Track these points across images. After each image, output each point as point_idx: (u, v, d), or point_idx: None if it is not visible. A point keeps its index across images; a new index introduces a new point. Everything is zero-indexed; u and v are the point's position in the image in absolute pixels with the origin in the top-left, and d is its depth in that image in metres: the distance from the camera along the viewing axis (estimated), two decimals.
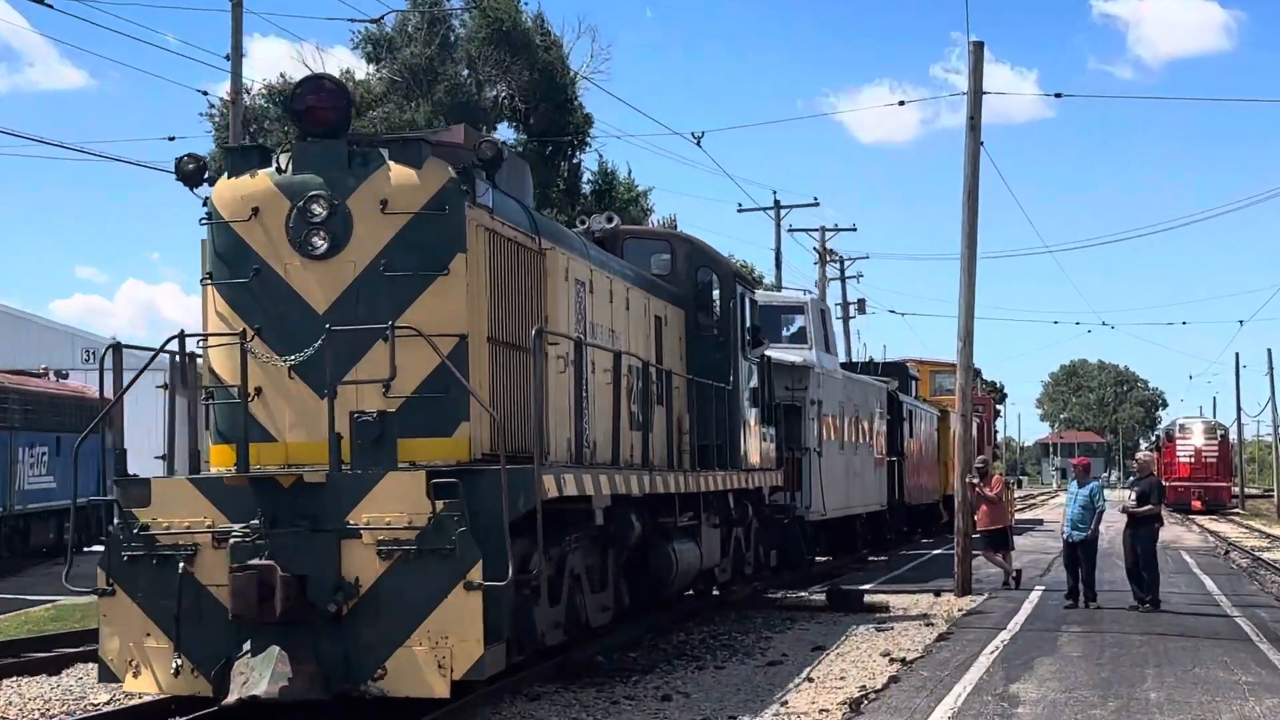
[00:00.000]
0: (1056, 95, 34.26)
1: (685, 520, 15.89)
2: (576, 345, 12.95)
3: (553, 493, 11.35)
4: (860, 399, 29.00)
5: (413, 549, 10.35)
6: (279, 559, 10.29)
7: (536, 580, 11.46)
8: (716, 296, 17.90)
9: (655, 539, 14.88)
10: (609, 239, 16.75)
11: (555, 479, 11.52)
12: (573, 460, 12.87)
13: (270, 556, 10.32)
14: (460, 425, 11.13)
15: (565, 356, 12.85)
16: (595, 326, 14.02)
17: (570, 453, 12.93)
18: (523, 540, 10.85)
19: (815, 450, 24.34)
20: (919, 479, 35.63)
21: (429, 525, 10.35)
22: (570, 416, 12.95)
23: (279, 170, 11.40)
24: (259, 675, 10.13)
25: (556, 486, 11.50)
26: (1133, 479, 20.70)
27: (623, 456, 13.97)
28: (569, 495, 11.87)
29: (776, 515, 20.98)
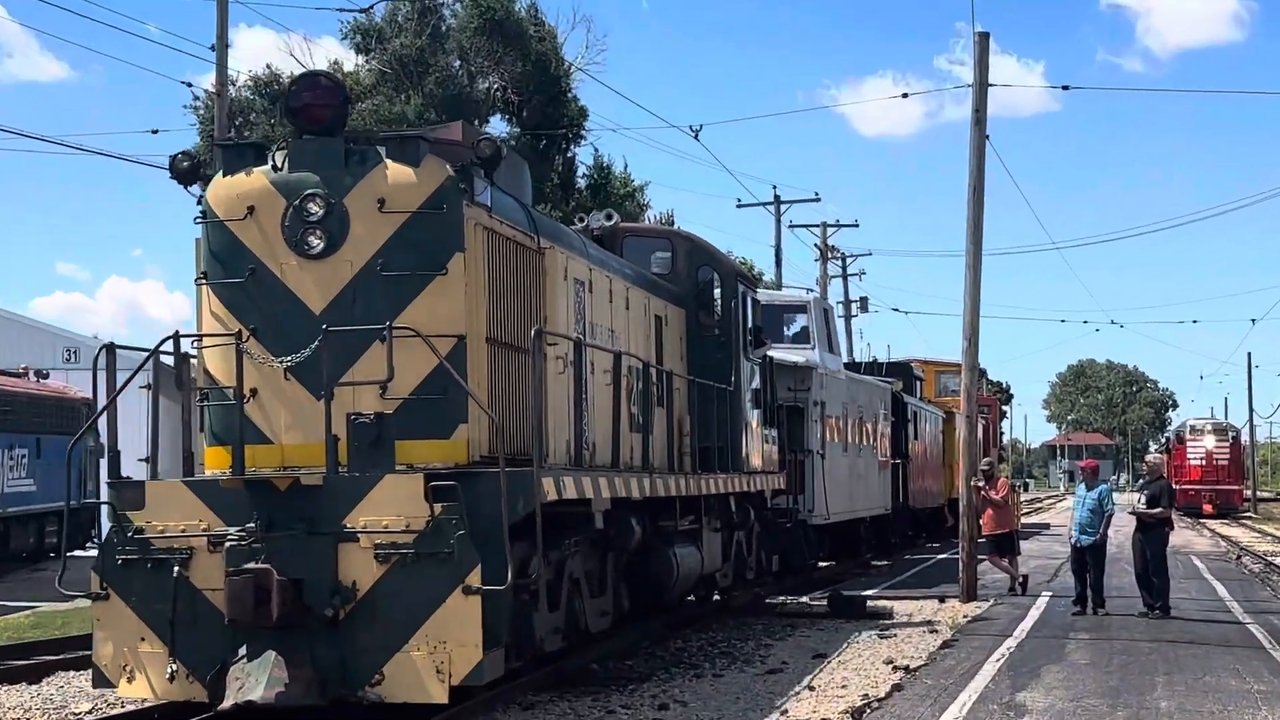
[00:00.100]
0: (1064, 88, 34.74)
1: (686, 524, 15.98)
2: (576, 346, 13.06)
3: (552, 496, 11.47)
4: (864, 400, 29.08)
5: (410, 553, 10.49)
6: (275, 563, 10.43)
7: (535, 585, 11.57)
8: (718, 295, 17.97)
9: (655, 543, 14.98)
10: (608, 237, 16.85)
11: (555, 482, 11.65)
12: (572, 463, 12.98)
13: (266, 560, 10.47)
14: (458, 427, 11.25)
15: (564, 357, 12.97)
16: (595, 326, 14.12)
17: (569, 455, 13.04)
18: (521, 544, 10.96)
19: (818, 452, 24.40)
20: (924, 482, 35.72)
21: (427, 529, 10.48)
22: (569, 418, 13.06)
23: (275, 168, 11.51)
24: (255, 680, 10.27)
25: (556, 489, 11.62)
26: (1142, 482, 20.77)
27: (623, 459, 14.07)
28: (568, 498, 11.99)
29: (779, 519, 21.02)
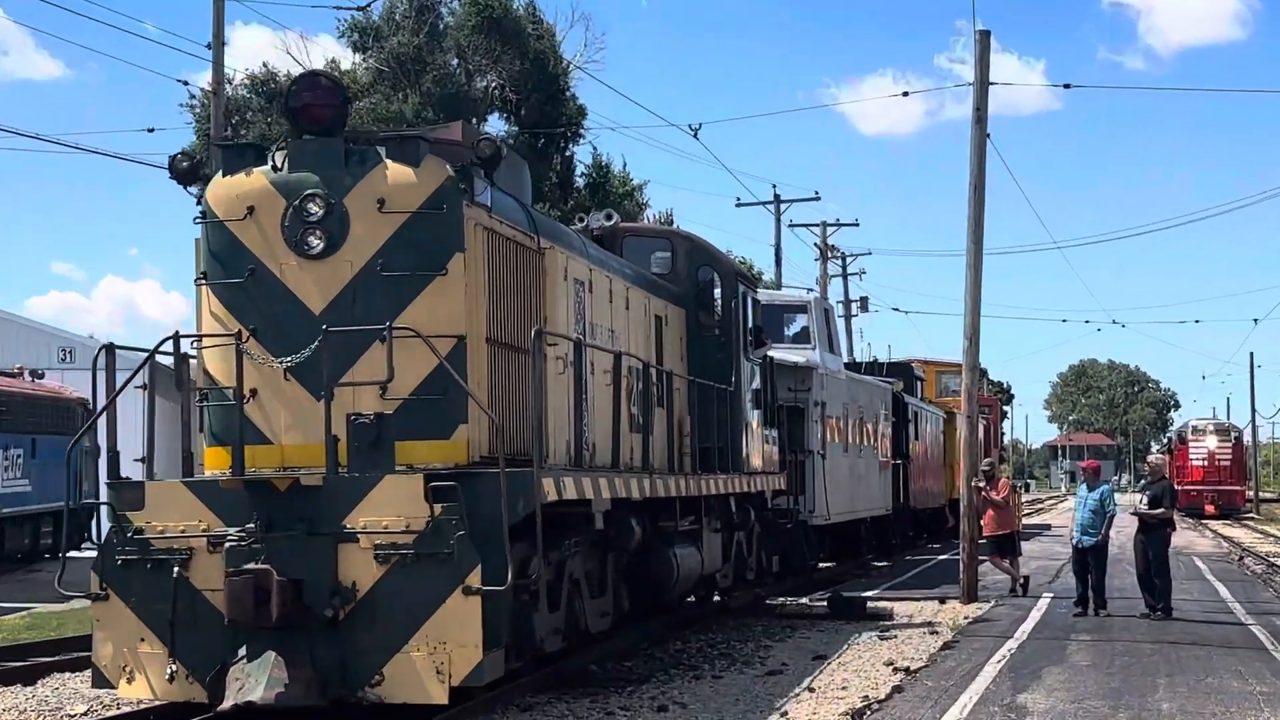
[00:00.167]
0: (1065, 86, 34.73)
1: (686, 524, 16.05)
2: (576, 346, 13.13)
3: (552, 496, 11.55)
4: (865, 400, 29.15)
5: (411, 553, 10.57)
6: (275, 563, 10.51)
7: (535, 585, 11.64)
8: (718, 295, 18.03)
9: (656, 543, 15.05)
10: (608, 237, 16.93)
11: (555, 482, 11.73)
12: (572, 463, 13.06)
13: (266, 561, 10.55)
14: (458, 427, 11.33)
15: (564, 357, 13.05)
16: (595, 327, 14.20)
17: (569, 455, 13.12)
18: (521, 545, 11.04)
19: (819, 453, 24.47)
20: (924, 482, 35.82)
21: (427, 529, 10.57)
22: (569, 419, 13.13)
23: (275, 168, 11.59)
24: (255, 681, 10.36)
25: (556, 490, 11.70)
26: (1144, 482, 20.82)
27: (623, 459, 14.14)
28: (568, 499, 12.07)
29: (779, 519, 21.06)
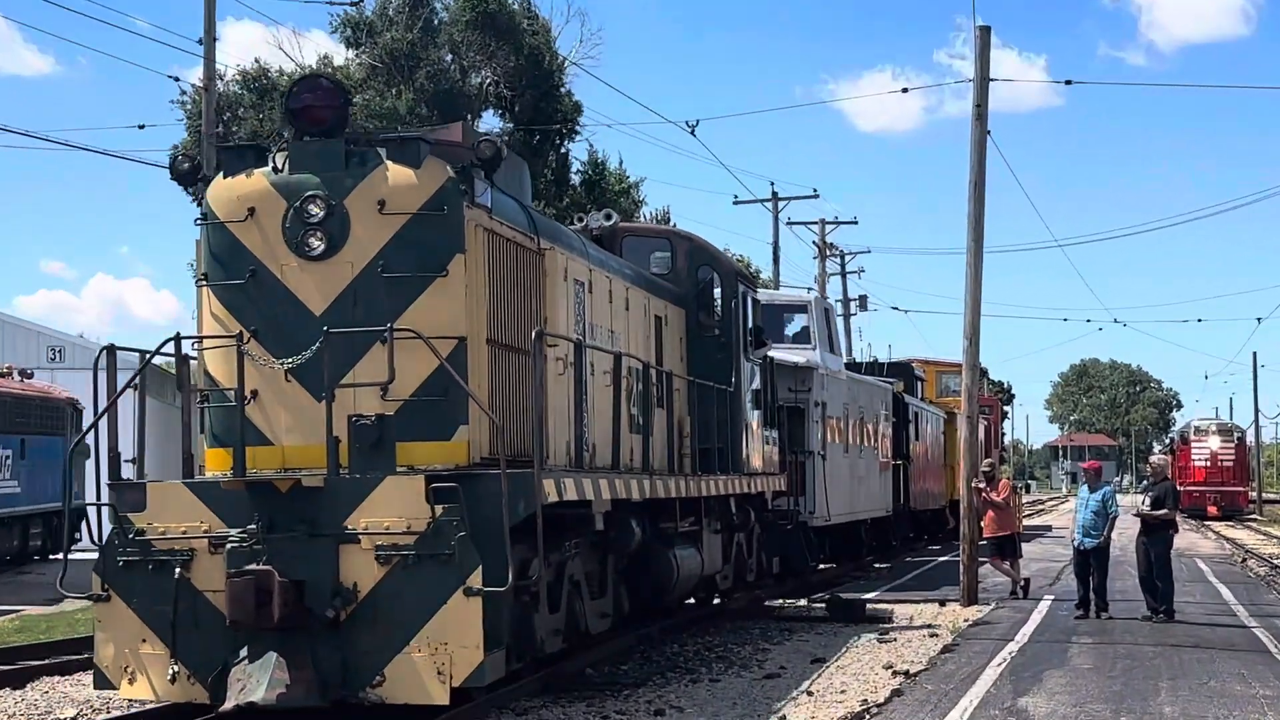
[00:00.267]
0: (1066, 83, 34.80)
1: (686, 525, 16.17)
2: (576, 347, 13.25)
3: (553, 497, 11.67)
4: (865, 401, 29.24)
5: (412, 554, 10.70)
6: (276, 564, 10.63)
7: (536, 586, 11.76)
8: (718, 295, 18.15)
9: (656, 545, 15.16)
10: (607, 237, 17.05)
11: (555, 483, 11.85)
12: (572, 464, 13.18)
13: (267, 562, 10.67)
14: (459, 429, 11.46)
15: (565, 358, 13.16)
16: (594, 327, 14.31)
17: (569, 456, 13.24)
18: (522, 546, 11.16)
19: (819, 453, 24.57)
20: (925, 483, 35.93)
21: (428, 530, 10.68)
22: (570, 420, 13.25)
23: (275, 170, 11.72)
24: (256, 682, 10.49)
25: (556, 491, 11.82)
26: (1146, 483, 20.90)
27: (623, 460, 14.25)
28: (569, 500, 12.19)
29: (779, 520, 21.15)
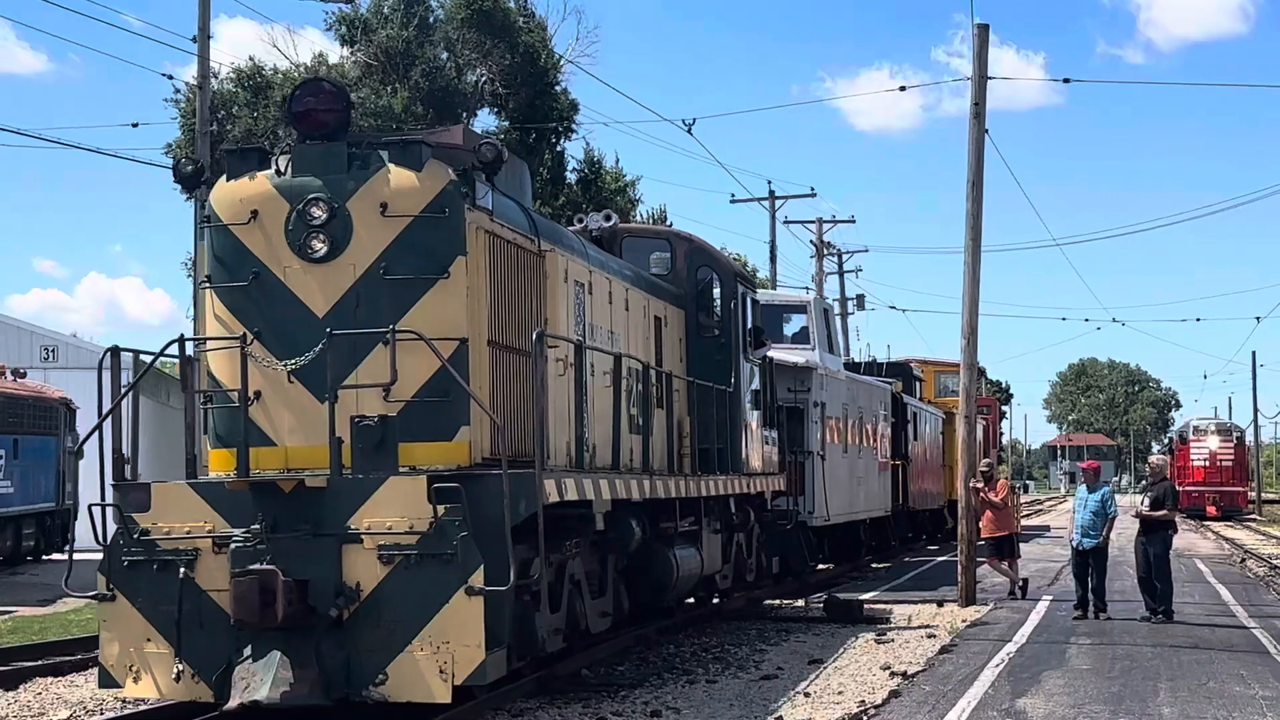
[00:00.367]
0: (1065, 80, 34.92)
1: (686, 525, 16.31)
2: (576, 348, 13.40)
3: (553, 497, 11.82)
4: (864, 401, 29.38)
5: (414, 554, 10.86)
6: (280, 564, 10.79)
7: (537, 586, 11.92)
8: (717, 296, 18.30)
9: (656, 545, 15.30)
10: (607, 238, 17.21)
11: (556, 484, 12.00)
12: (572, 465, 13.33)
13: (271, 561, 10.83)
14: (461, 429, 11.63)
15: (565, 359, 13.32)
16: (594, 328, 14.47)
17: (570, 457, 13.39)
18: (523, 545, 11.32)
19: (818, 453, 24.71)
20: (923, 484, 36.07)
21: (430, 530, 10.85)
22: (570, 420, 13.41)
23: (278, 172, 11.89)
24: (260, 680, 10.66)
25: (557, 491, 11.97)
26: (1145, 483, 21.00)
27: (623, 460, 14.42)
28: (569, 500, 12.34)
29: (779, 520, 21.25)
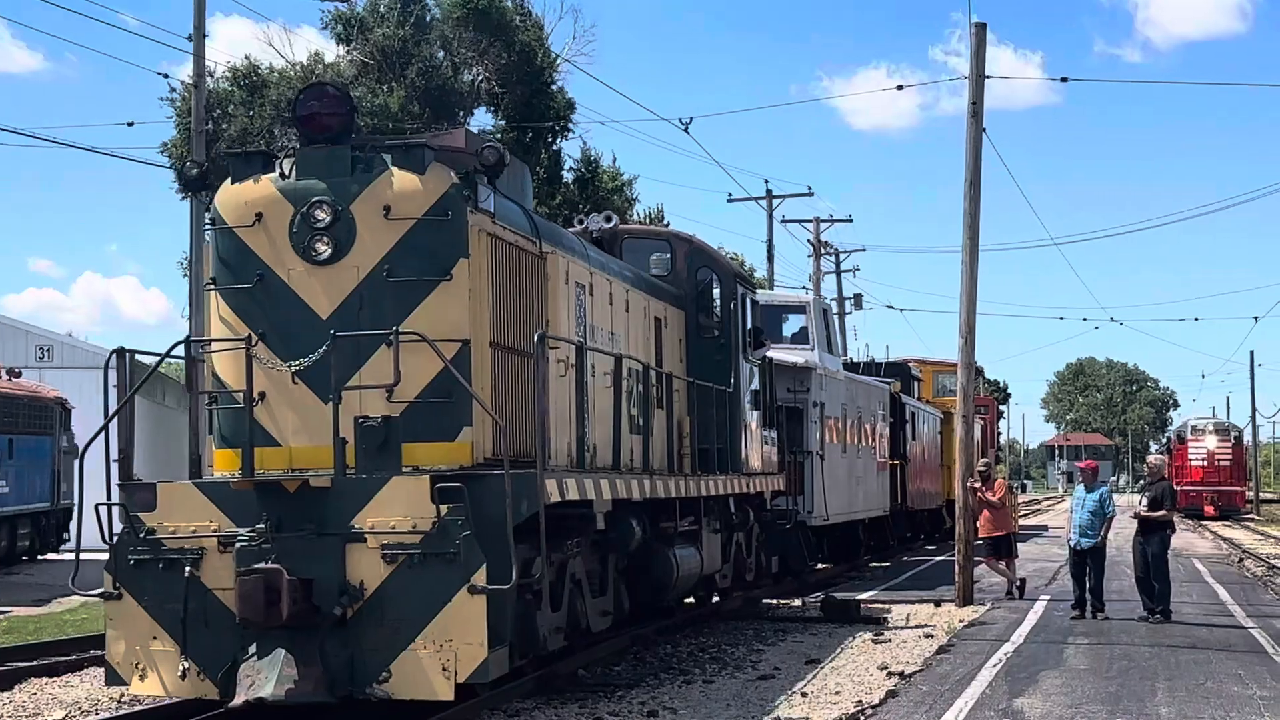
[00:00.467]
0: (1062, 79, 35.07)
1: (686, 525, 16.46)
2: (577, 350, 13.56)
3: (555, 497, 11.97)
4: (863, 401, 29.55)
5: (417, 553, 11.03)
6: (285, 563, 10.95)
7: (539, 585, 12.10)
8: (717, 297, 18.45)
9: (656, 544, 15.46)
10: (607, 239, 17.36)
11: (557, 483, 12.14)
12: (573, 465, 13.48)
13: (276, 560, 10.99)
14: (463, 430, 11.80)
15: (566, 360, 13.47)
16: (595, 329, 14.63)
17: (571, 457, 13.54)
18: (525, 545, 11.48)
19: (817, 453, 24.89)
20: (922, 483, 36.24)
21: (433, 529, 11.01)
22: (571, 421, 13.56)
23: (282, 176, 12.06)
24: (265, 678, 10.82)
25: (559, 491, 12.12)
26: (1143, 483, 21.12)
27: (623, 460, 14.58)
28: (571, 500, 12.50)
29: (778, 520, 21.41)
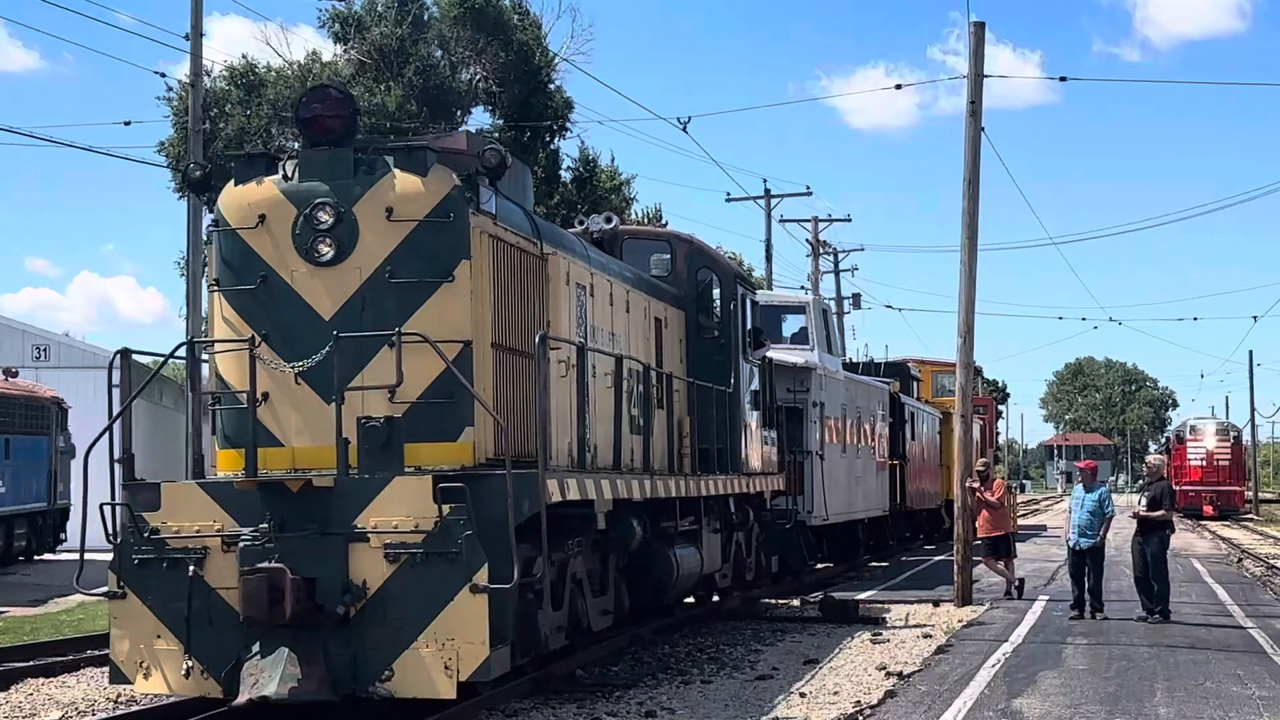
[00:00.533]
0: (1061, 79, 35.08)
1: (686, 525, 16.58)
2: (578, 350, 13.65)
3: (556, 497, 12.08)
4: (862, 401, 29.67)
5: (419, 552, 11.14)
6: (288, 562, 11.05)
7: (540, 584, 12.21)
8: (717, 297, 18.57)
9: (656, 544, 15.57)
10: (608, 240, 17.49)
11: (559, 483, 12.25)
12: (574, 465, 13.58)
13: (279, 560, 11.09)
14: (465, 430, 11.90)
15: (567, 361, 13.59)
16: (596, 330, 14.74)
17: (572, 457, 13.65)
18: (526, 544, 11.58)
19: (817, 453, 25.01)
20: (921, 483, 36.37)
21: (435, 529, 11.13)
22: (572, 421, 13.66)
23: (285, 178, 12.17)
24: (269, 676, 10.93)
25: (560, 491, 12.23)
26: (1142, 483, 21.22)
27: (624, 460, 14.70)
28: (572, 500, 12.61)
29: (778, 520, 21.52)
